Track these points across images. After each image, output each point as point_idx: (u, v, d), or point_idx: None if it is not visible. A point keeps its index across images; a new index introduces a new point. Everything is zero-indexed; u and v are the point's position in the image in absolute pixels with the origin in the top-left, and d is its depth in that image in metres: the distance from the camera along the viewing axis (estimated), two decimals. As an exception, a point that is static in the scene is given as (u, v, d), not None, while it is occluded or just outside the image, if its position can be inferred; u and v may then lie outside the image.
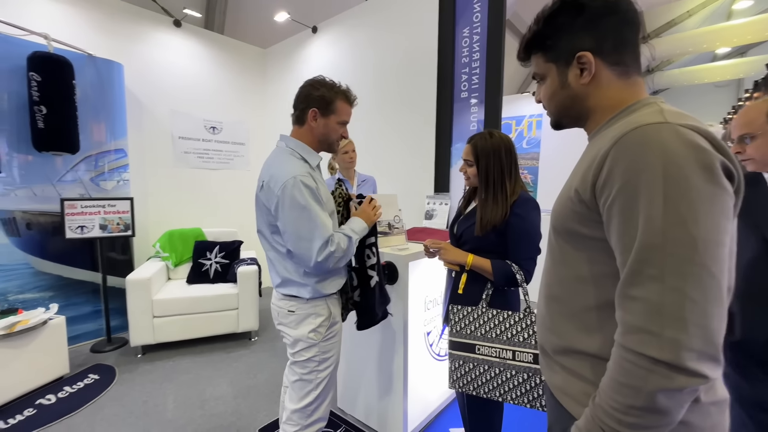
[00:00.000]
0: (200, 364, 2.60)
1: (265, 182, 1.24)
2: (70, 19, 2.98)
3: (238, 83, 4.17)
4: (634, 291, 0.53)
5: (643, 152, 0.53)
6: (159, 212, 3.55)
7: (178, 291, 2.85)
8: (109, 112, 3.00)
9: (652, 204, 0.51)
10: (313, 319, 1.30)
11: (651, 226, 0.51)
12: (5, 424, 1.93)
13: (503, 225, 1.29)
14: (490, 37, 2.27)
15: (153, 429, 1.92)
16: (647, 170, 0.52)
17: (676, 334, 0.49)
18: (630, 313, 0.54)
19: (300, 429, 1.34)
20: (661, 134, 0.53)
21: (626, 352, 0.53)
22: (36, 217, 2.70)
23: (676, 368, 0.49)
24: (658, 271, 0.51)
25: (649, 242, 0.52)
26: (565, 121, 0.74)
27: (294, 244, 1.21)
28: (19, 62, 2.49)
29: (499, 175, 1.32)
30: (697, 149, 0.51)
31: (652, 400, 0.51)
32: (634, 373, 0.52)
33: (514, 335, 1.21)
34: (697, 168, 0.50)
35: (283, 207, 1.18)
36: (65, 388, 2.27)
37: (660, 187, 0.51)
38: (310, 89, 1.29)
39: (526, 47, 0.73)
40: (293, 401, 1.34)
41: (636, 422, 0.52)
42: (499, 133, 1.38)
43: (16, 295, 2.61)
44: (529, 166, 5.65)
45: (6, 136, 2.51)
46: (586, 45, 0.64)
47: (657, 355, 0.50)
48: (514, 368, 1.20)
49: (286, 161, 1.25)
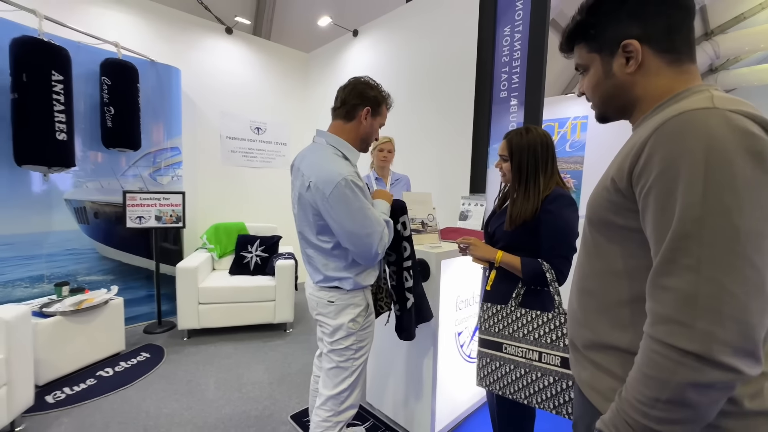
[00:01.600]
0: (239, 350, 2.75)
1: (312, 183, 1.22)
2: (136, 28, 3.29)
3: (282, 86, 4.37)
4: (666, 281, 0.51)
5: (684, 138, 0.50)
6: (206, 206, 3.80)
7: (221, 281, 3.03)
8: (166, 113, 3.27)
9: (691, 191, 0.48)
10: (352, 309, 1.34)
11: (688, 213, 0.49)
12: (71, 390, 2.16)
13: (534, 221, 1.25)
14: (532, 35, 2.22)
15: (195, 406, 2.06)
16: (688, 155, 0.49)
17: (709, 327, 0.46)
18: (660, 303, 0.51)
19: (333, 414, 1.39)
20: (708, 120, 0.50)
21: (654, 342, 0.51)
22: (102, 207, 2.99)
23: (706, 361, 0.46)
24: (694, 261, 0.48)
25: (685, 230, 0.49)
26: (610, 112, 0.71)
27: (352, 242, 1.22)
28: (93, 68, 2.79)
29: (533, 169, 1.28)
30: (746, 134, 0.48)
31: (680, 394, 0.48)
32: (661, 364, 0.50)
33: (541, 336, 1.17)
34: (745, 154, 0.47)
35: (336, 208, 1.18)
36: (121, 363, 2.49)
37: (701, 173, 0.48)
38: (366, 88, 1.31)
39: (568, 38, 0.71)
40: (328, 387, 1.39)
41: (662, 416, 0.50)
42: (537, 128, 1.34)
43: (83, 276, 2.90)
44: (573, 171, 5.40)
45: (82, 134, 2.81)
46: (632, 32, 0.62)
47: (686, 347, 0.47)
48: (540, 370, 1.16)
49: (332, 161, 1.25)
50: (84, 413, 1.97)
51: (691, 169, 0.49)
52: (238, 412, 2.02)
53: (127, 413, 1.98)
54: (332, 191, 1.16)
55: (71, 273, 2.83)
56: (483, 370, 1.29)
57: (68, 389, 2.17)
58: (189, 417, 1.97)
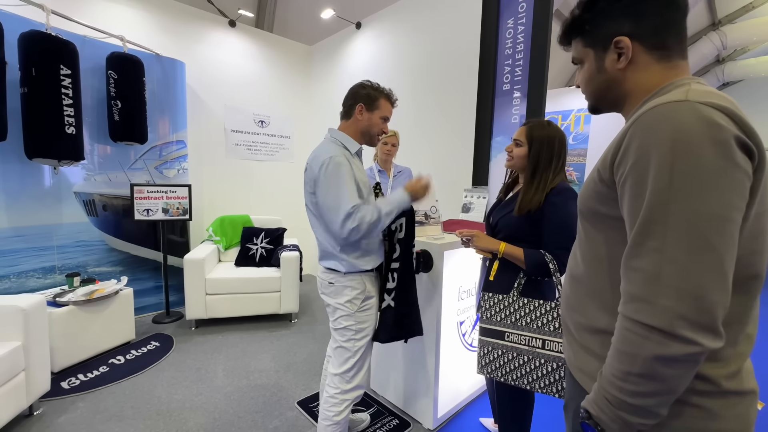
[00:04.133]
0: (246, 339, 2.81)
1: (309, 164, 1.43)
2: (141, 22, 3.30)
3: (286, 79, 4.38)
4: (635, 262, 0.55)
5: (655, 129, 0.54)
6: (212, 199, 3.85)
7: (227, 272, 3.09)
8: (172, 106, 3.30)
9: (658, 178, 0.52)
10: (349, 291, 1.45)
11: (656, 199, 0.52)
12: (85, 377, 2.23)
13: (538, 213, 1.29)
14: (535, 27, 2.22)
15: (204, 392, 2.13)
16: (657, 145, 0.53)
17: (669, 302, 0.51)
18: (630, 282, 0.55)
19: (340, 392, 1.47)
20: (677, 112, 0.53)
21: (625, 320, 0.55)
22: (110, 200, 3.04)
23: (669, 335, 0.50)
24: (659, 243, 0.52)
25: (652, 215, 0.53)
26: (601, 105, 0.75)
27: (324, 214, 1.36)
28: (99, 62, 2.82)
29: (547, 162, 1.32)
30: (710, 125, 0.50)
31: (649, 367, 0.52)
32: (631, 340, 0.54)
33: (544, 324, 1.21)
34: (708, 143, 0.50)
35: (319, 182, 1.34)
36: (132, 352, 2.57)
37: (668, 162, 0.51)
38: (358, 88, 1.48)
39: (566, 32, 0.74)
40: (335, 366, 1.51)
41: (634, 390, 0.54)
42: (556, 125, 1.38)
43: (93, 267, 2.97)
44: (575, 163, 5.39)
45: (89, 127, 2.85)
46: (624, 29, 0.64)
47: (651, 322, 0.51)
48: (544, 357, 1.21)
49: (328, 147, 1.42)
50: (98, 398, 2.04)
51: (659, 159, 0.52)
52: (247, 398, 2.08)
53: (140, 398, 2.05)
54: (320, 167, 1.34)
55: (81, 264, 2.90)
56: (484, 358, 1.34)
57: (82, 376, 2.24)
58: (199, 402, 2.04)
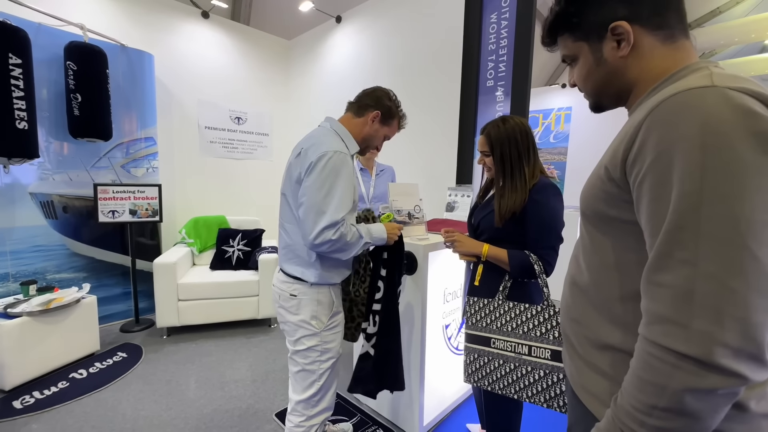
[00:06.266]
0: (221, 347, 2.67)
1: (304, 149, 1.22)
2: (104, 10, 3.09)
3: (263, 74, 4.22)
4: (661, 277, 0.47)
5: (680, 120, 0.46)
6: (185, 199, 3.66)
7: (201, 276, 2.93)
8: (139, 101, 3.09)
9: (687, 178, 0.44)
10: (315, 306, 1.27)
11: (685, 203, 0.44)
12: (41, 394, 2.05)
13: (522, 212, 1.23)
14: (518, 23, 2.18)
15: (175, 407, 1.99)
16: (683, 140, 0.45)
17: (707, 326, 0.42)
18: (655, 301, 0.47)
19: (305, 419, 1.33)
20: (705, 99, 0.45)
21: (649, 344, 0.47)
22: (72, 201, 2.83)
23: (706, 365, 0.42)
24: (691, 254, 0.44)
25: (681, 222, 0.45)
26: (605, 101, 0.67)
27: (305, 213, 1.17)
28: (57, 51, 2.60)
29: (516, 160, 1.26)
30: (747, 114, 0.43)
31: (679, 401, 0.44)
32: (657, 368, 0.46)
33: (530, 329, 1.15)
34: (746, 136, 0.42)
35: (314, 173, 1.16)
36: (96, 364, 2.38)
37: (698, 158, 0.44)
38: (384, 96, 1.36)
39: (550, 30, 0.67)
40: (297, 392, 1.34)
41: (660, 425, 0.46)
42: (513, 117, 1.31)
43: (53, 274, 2.75)
44: (557, 162, 5.45)
45: (45, 123, 2.63)
46: (619, 13, 0.57)
47: (683, 349, 0.43)
48: (531, 364, 1.15)
49: (332, 138, 1.25)
50: (55, 418, 1.87)
51: (686, 155, 0.44)
52: (221, 412, 1.95)
53: (102, 417, 1.89)
54: (321, 157, 1.17)
55: (39, 271, 2.68)
56: (471, 366, 1.27)
57: (38, 393, 2.05)
58: (168, 418, 1.89)
